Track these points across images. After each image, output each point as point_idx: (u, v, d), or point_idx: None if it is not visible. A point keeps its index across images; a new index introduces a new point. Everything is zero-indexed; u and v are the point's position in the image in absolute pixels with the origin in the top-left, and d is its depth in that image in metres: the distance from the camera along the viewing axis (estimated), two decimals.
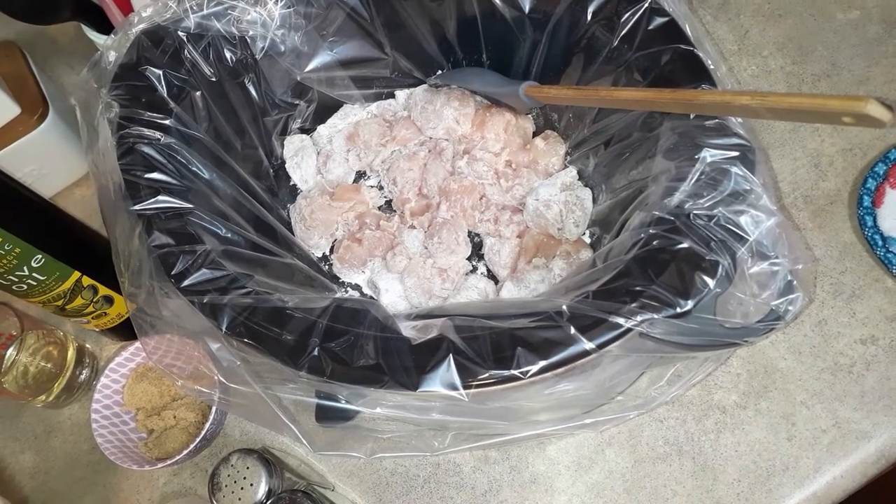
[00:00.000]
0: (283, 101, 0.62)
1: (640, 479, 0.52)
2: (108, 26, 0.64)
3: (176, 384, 0.53)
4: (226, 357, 0.42)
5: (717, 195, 0.40)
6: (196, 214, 0.46)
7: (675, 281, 0.38)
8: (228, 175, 0.53)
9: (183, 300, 0.42)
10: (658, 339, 0.38)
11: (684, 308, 0.37)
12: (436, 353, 0.38)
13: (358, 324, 0.40)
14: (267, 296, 0.42)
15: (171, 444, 0.56)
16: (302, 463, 0.57)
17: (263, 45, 0.57)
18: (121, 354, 0.59)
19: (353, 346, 0.39)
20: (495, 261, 0.58)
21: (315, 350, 0.39)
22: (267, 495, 0.51)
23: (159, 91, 0.50)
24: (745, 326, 0.40)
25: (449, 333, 0.39)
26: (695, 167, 0.41)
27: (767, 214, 0.39)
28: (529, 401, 0.41)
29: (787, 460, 0.51)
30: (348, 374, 0.39)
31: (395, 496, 0.55)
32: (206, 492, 0.51)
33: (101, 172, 0.47)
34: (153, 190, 0.46)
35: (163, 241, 0.44)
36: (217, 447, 0.59)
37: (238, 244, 0.48)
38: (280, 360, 0.40)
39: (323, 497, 0.54)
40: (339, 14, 0.59)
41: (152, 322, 0.44)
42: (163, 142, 0.48)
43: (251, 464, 0.52)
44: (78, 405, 0.63)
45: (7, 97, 0.65)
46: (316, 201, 0.61)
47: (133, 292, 0.44)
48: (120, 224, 0.45)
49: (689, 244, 0.39)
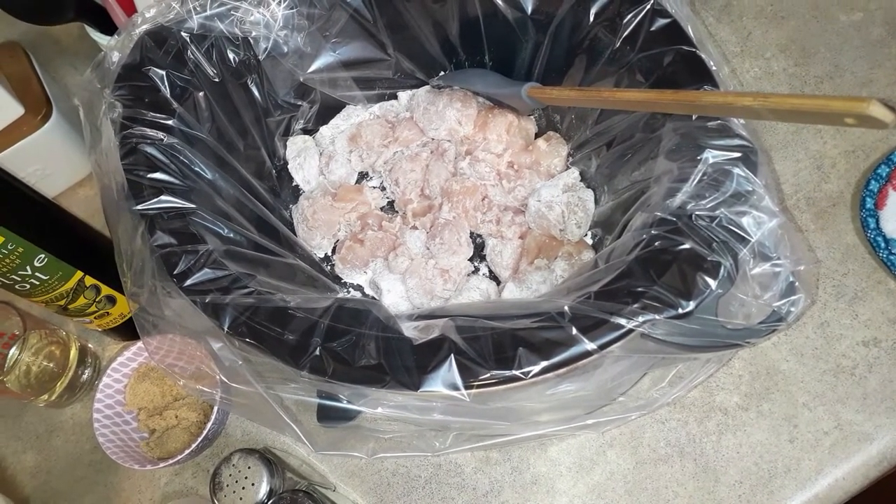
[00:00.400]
0: (285, 102, 0.62)
1: (642, 480, 0.52)
2: (111, 27, 0.64)
3: (178, 384, 0.53)
4: (228, 357, 0.42)
5: (719, 196, 0.40)
6: (199, 214, 0.46)
7: (677, 282, 0.38)
8: (231, 175, 0.54)
9: (185, 300, 0.42)
10: (660, 340, 0.38)
11: (686, 309, 0.37)
12: (437, 354, 0.38)
13: (360, 324, 0.40)
14: (269, 296, 0.42)
15: (172, 443, 0.56)
16: (303, 463, 0.57)
17: (266, 46, 0.57)
18: (123, 354, 0.59)
19: (354, 345, 0.39)
20: (497, 262, 0.58)
21: (317, 350, 0.39)
22: (268, 495, 0.51)
23: (162, 91, 0.50)
24: (747, 328, 0.40)
25: (450, 334, 0.39)
26: (697, 168, 0.42)
27: (769, 216, 0.39)
28: (531, 401, 0.41)
29: (789, 462, 0.51)
30: (350, 373, 0.39)
31: (397, 496, 0.55)
32: (208, 491, 0.51)
33: (104, 172, 0.47)
34: (156, 190, 0.46)
35: (165, 241, 0.44)
36: (219, 447, 0.59)
37: (240, 244, 0.48)
38: (282, 360, 0.40)
39: (324, 497, 0.54)
40: (342, 15, 0.59)
41: (154, 322, 0.44)
42: (166, 142, 0.48)
43: (253, 463, 0.52)
44: (80, 405, 0.63)
45: (11, 97, 0.66)
46: (318, 202, 0.61)
47: (135, 292, 0.44)
48: (123, 224, 0.45)
49: (691, 245, 0.39)
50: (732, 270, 0.38)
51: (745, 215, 0.39)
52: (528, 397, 0.40)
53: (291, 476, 0.55)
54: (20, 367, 0.57)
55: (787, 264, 0.39)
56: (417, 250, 0.59)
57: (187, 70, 0.52)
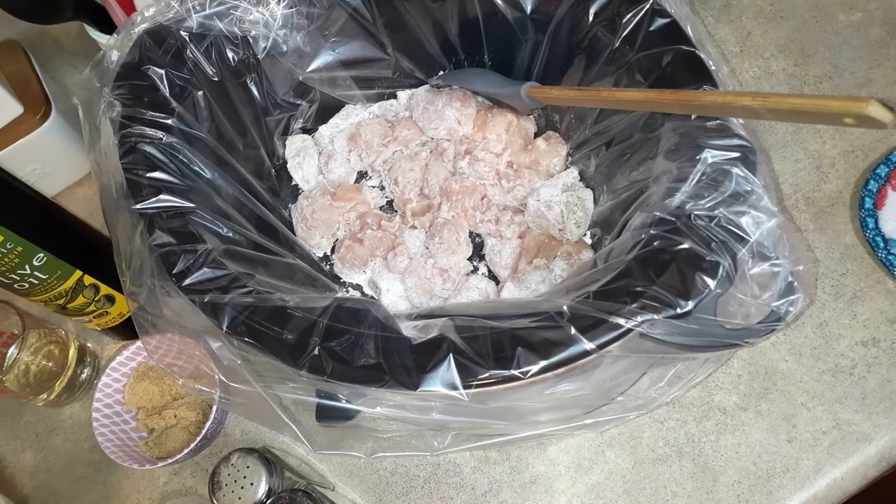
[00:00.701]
0: (284, 101, 0.62)
1: (641, 479, 0.52)
2: (110, 26, 0.64)
3: (177, 383, 0.53)
4: (226, 356, 0.42)
5: (718, 196, 0.40)
6: (197, 213, 0.46)
7: (676, 282, 0.38)
8: (230, 175, 0.54)
9: (184, 299, 0.42)
10: (659, 339, 0.38)
11: (685, 309, 0.37)
12: (436, 353, 0.38)
13: (359, 323, 0.40)
14: (268, 295, 0.42)
15: (171, 443, 0.56)
16: (302, 462, 0.57)
17: (266, 45, 0.57)
18: (122, 353, 0.59)
19: (353, 345, 0.39)
20: (496, 261, 0.58)
21: (316, 349, 0.39)
22: (267, 494, 0.51)
23: (161, 90, 0.50)
24: (746, 327, 0.40)
25: (449, 333, 0.39)
26: (696, 168, 0.41)
27: (768, 215, 0.39)
28: (530, 401, 0.41)
29: (788, 462, 0.51)
30: (349, 373, 0.39)
31: (395, 496, 0.55)
32: (207, 491, 0.51)
33: (102, 171, 0.47)
34: (155, 189, 0.46)
35: (164, 240, 0.44)
36: (217, 446, 0.59)
37: (239, 243, 0.48)
38: (281, 359, 0.40)
39: (323, 497, 0.54)
40: (342, 14, 0.59)
41: (153, 321, 0.44)
42: (165, 141, 0.48)
43: (252, 463, 0.52)
44: (79, 404, 0.63)
45: (10, 96, 0.66)
46: (317, 201, 0.61)
47: (134, 291, 0.44)
48: (121, 223, 0.45)
49: (689, 245, 0.39)
50: (731, 270, 0.38)
51: (743, 215, 0.39)
52: (527, 397, 0.40)
53: (290, 475, 0.56)
54: (19, 366, 0.57)
55: (785, 264, 0.39)
56: (416, 250, 0.59)
57: (186, 69, 0.52)
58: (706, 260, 0.38)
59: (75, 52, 0.81)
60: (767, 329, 0.40)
